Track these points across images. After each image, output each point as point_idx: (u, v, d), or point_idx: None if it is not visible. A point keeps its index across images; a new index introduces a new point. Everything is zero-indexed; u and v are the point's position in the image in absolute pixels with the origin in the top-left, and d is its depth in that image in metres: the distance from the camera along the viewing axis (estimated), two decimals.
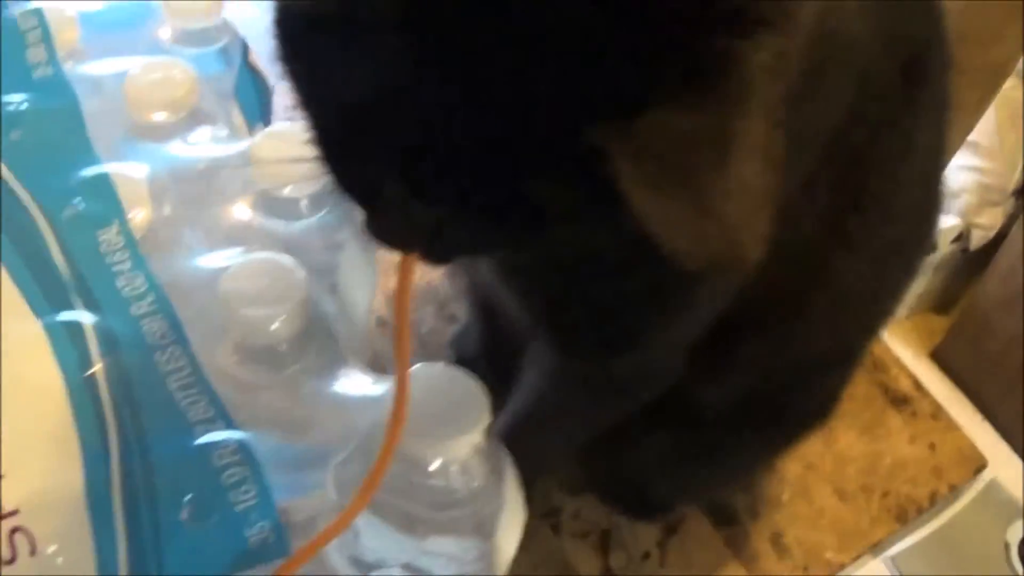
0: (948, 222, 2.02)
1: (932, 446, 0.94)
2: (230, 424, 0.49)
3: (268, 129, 0.61)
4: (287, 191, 0.60)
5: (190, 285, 0.56)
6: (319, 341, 0.54)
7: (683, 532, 0.81)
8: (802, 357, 0.66)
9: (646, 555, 0.79)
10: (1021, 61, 1.92)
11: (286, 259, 0.54)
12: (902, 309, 2.20)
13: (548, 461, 0.78)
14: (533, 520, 0.78)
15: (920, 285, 2.17)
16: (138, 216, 0.58)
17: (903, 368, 0.99)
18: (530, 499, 0.78)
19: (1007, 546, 1.93)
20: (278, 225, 0.60)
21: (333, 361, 0.54)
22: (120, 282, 0.55)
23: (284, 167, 0.59)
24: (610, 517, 0.80)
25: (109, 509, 0.47)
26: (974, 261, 2.10)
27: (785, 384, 0.69)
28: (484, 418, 0.48)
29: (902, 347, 2.21)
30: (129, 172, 0.59)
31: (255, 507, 0.47)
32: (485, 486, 0.50)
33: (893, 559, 1.90)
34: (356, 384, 0.53)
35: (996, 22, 1.09)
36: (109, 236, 0.57)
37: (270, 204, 0.60)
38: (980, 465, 0.96)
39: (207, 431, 0.49)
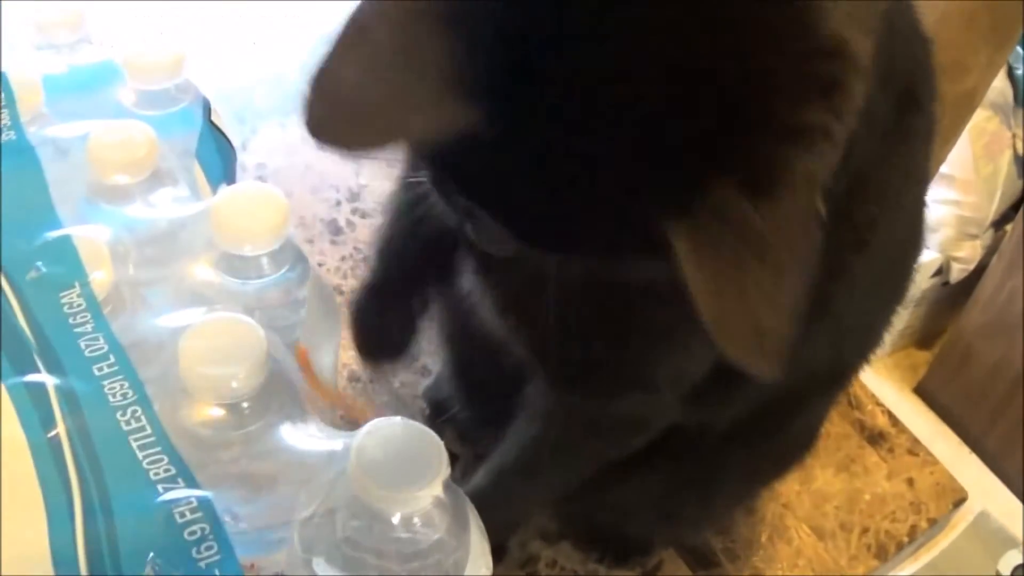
0: (928, 256, 2.04)
1: (910, 481, 0.95)
2: (191, 482, 0.49)
3: (229, 188, 0.61)
4: (247, 250, 0.60)
5: (153, 344, 0.57)
6: (280, 398, 0.54)
7: None
8: (802, 382, 0.66)
9: None
10: (998, 93, 1.95)
11: (244, 318, 0.54)
12: (884, 346, 2.21)
13: (534, 508, 0.79)
14: (511, 570, 0.78)
15: (902, 321, 2.18)
16: (99, 277, 0.58)
17: (879, 405, 0.99)
18: (507, 548, 0.79)
19: None
20: (240, 284, 0.61)
21: (295, 417, 0.55)
22: (82, 343, 0.55)
23: (244, 226, 0.59)
24: (587, 564, 0.79)
25: (75, 570, 0.47)
26: (954, 294, 2.11)
27: (784, 408, 0.69)
28: (443, 470, 0.49)
29: (885, 383, 2.23)
30: (90, 234, 0.60)
31: (219, 563, 0.47)
32: (448, 536, 0.50)
33: None
34: (319, 440, 0.54)
35: (964, 54, 1.11)
36: (71, 298, 0.57)
37: (232, 263, 0.61)
38: (960, 498, 0.96)
39: (169, 489, 0.49)
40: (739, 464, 0.73)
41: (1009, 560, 1.96)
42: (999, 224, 2.03)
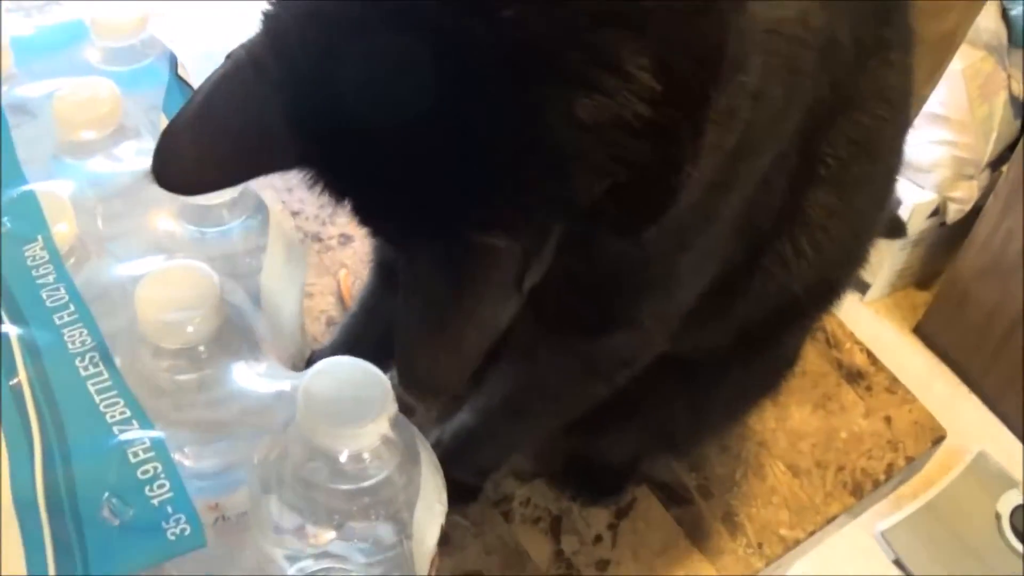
0: (924, 197, 2.04)
1: (888, 419, 0.94)
2: (146, 423, 0.51)
3: None
4: (208, 199, 0.62)
5: (116, 294, 0.58)
6: (237, 342, 0.56)
7: (634, 515, 0.82)
8: (790, 297, 0.68)
9: (598, 538, 0.80)
10: (992, 34, 1.94)
11: (199, 265, 0.55)
12: (884, 287, 2.22)
13: (519, 447, 0.80)
14: (485, 508, 0.80)
15: (900, 261, 2.19)
16: (62, 230, 0.59)
17: (857, 343, 0.99)
18: (483, 488, 0.81)
19: (998, 516, 1.95)
20: (200, 232, 0.62)
21: (252, 360, 0.56)
22: (44, 294, 0.57)
23: None
24: (561, 502, 0.81)
25: (36, 512, 0.49)
26: (952, 235, 2.11)
27: (769, 330, 0.72)
28: (389, 407, 0.50)
29: (885, 323, 2.24)
30: (54, 189, 0.61)
31: (171, 500, 0.49)
32: (398, 473, 0.52)
33: (884, 535, 1.92)
34: (273, 382, 0.55)
35: None
36: (34, 251, 0.59)
37: (192, 213, 0.62)
38: (938, 436, 0.93)
39: (124, 431, 0.51)
40: (727, 384, 0.75)
41: (1008, 500, 1.98)
42: (995, 165, 2.03)
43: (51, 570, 0.48)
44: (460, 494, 0.66)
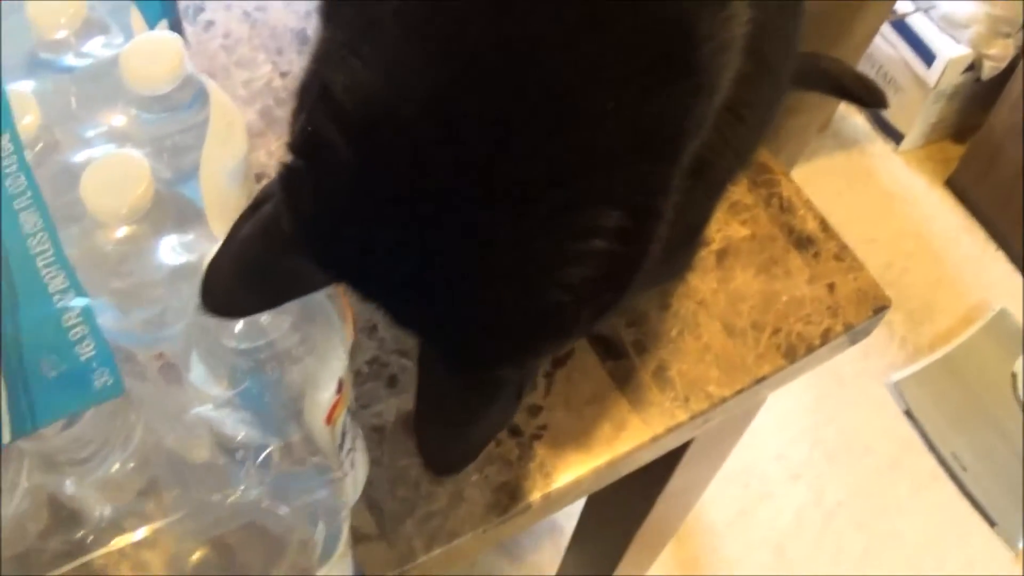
0: (958, 52, 2.04)
1: (831, 286, 0.97)
2: (80, 293, 0.61)
3: (137, 39, 0.71)
4: (159, 90, 0.71)
5: (74, 176, 0.68)
6: (169, 218, 0.66)
7: (571, 365, 0.89)
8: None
9: (532, 385, 0.87)
10: None
11: (135, 153, 0.65)
12: (918, 138, 2.23)
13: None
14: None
15: (933, 113, 2.21)
16: (27, 122, 0.69)
17: (811, 209, 1.01)
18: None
19: (1015, 376, 1.99)
20: (153, 116, 0.71)
21: (183, 233, 0.66)
22: (7, 183, 0.66)
23: (145, 71, 0.69)
24: None
25: None
26: (987, 91, 2.12)
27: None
28: None
29: (916, 176, 2.26)
30: (19, 87, 0.70)
31: (95, 356, 0.59)
32: (292, 332, 0.62)
33: (896, 385, 1.98)
34: (190, 254, 0.65)
35: None
36: (3, 144, 0.68)
37: (144, 101, 0.71)
38: (881, 305, 0.96)
39: (61, 300, 0.61)
40: None
41: None
42: None
43: (4, 415, 0.59)
44: None
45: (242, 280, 0.59)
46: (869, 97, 1.07)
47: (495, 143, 0.52)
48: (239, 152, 0.73)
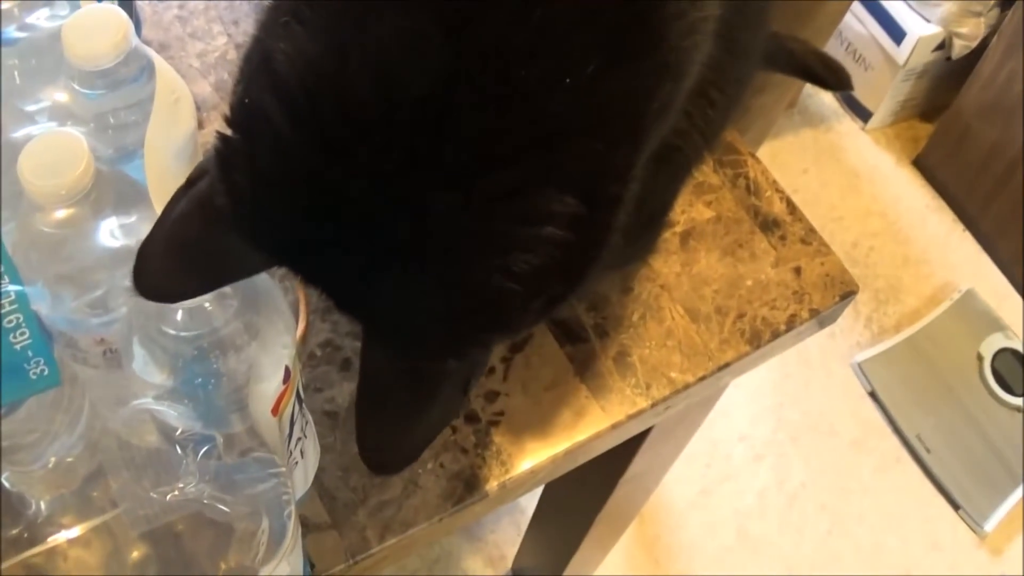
0: (929, 30, 2.03)
1: (798, 270, 0.95)
2: (15, 279, 0.59)
3: (79, 10, 0.68)
4: (102, 64, 0.68)
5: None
6: (109, 199, 0.63)
7: (529, 349, 0.87)
8: None
9: (491, 370, 0.85)
10: None
11: (73, 132, 0.62)
12: (886, 116, 2.22)
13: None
14: None
15: (902, 91, 2.20)
16: None
17: (779, 191, 0.99)
18: None
19: (980, 358, 1.99)
20: (96, 94, 0.68)
21: (124, 215, 0.63)
22: None
23: (87, 46, 0.67)
24: None
25: None
26: (957, 70, 2.11)
27: None
28: None
29: (883, 154, 2.25)
30: None
31: (30, 346, 0.57)
32: (235, 320, 0.59)
33: (860, 366, 1.98)
34: (129, 238, 0.62)
35: None
36: None
37: (87, 76, 0.68)
38: (848, 291, 0.94)
39: None
40: None
41: (992, 343, 2.01)
42: (1004, 4, 2.00)
43: None
44: None
45: (176, 262, 0.56)
46: (834, 79, 1.06)
47: (440, 117, 0.49)
48: (186, 129, 0.70)
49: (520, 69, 0.49)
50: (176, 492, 0.60)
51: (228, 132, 0.53)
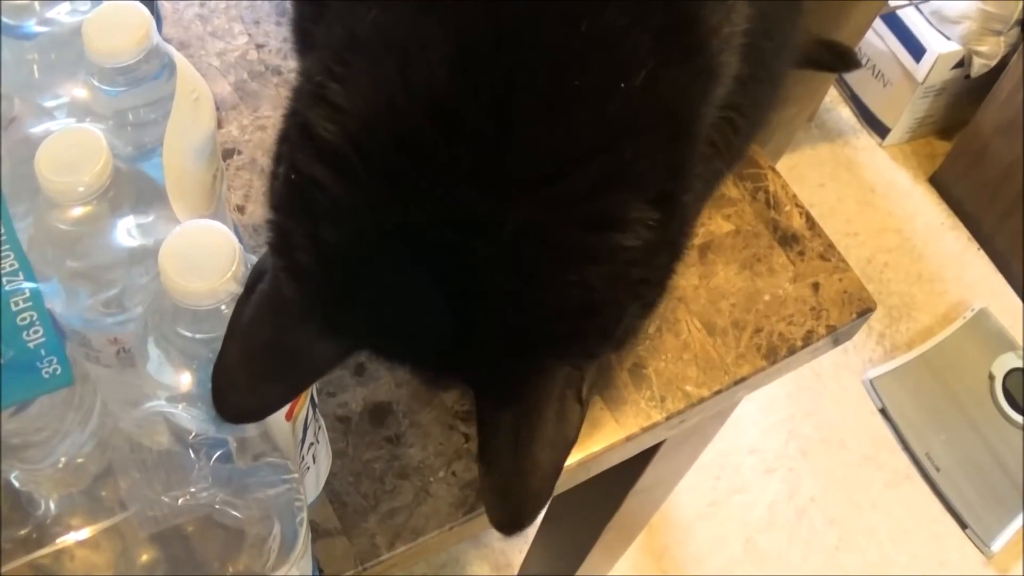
0: (949, 47, 2.02)
1: (816, 286, 0.95)
2: (29, 276, 0.58)
3: (101, 6, 0.68)
4: (123, 61, 0.67)
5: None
6: (127, 197, 0.62)
7: None
8: None
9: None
10: None
11: (90, 128, 0.61)
12: (903, 132, 2.21)
13: None
14: None
15: (921, 108, 2.19)
16: None
17: (799, 206, 0.99)
18: None
19: (992, 378, 1.97)
20: (116, 91, 0.68)
21: (141, 214, 0.63)
22: None
23: (107, 42, 0.66)
24: None
25: None
26: (976, 88, 2.10)
27: None
28: (236, 267, 0.56)
29: (900, 171, 2.24)
30: None
31: (44, 344, 0.56)
32: None
33: (872, 383, 1.97)
34: (145, 238, 0.62)
35: None
36: None
37: (107, 73, 0.68)
38: (866, 308, 0.94)
39: (11, 282, 0.58)
40: None
41: (1004, 362, 1.99)
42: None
43: None
44: None
45: (255, 373, 0.54)
46: (840, 63, 1.04)
47: (499, 135, 0.48)
48: (206, 128, 0.70)
49: (575, 77, 0.48)
50: (188, 496, 0.59)
51: (277, 218, 0.52)
